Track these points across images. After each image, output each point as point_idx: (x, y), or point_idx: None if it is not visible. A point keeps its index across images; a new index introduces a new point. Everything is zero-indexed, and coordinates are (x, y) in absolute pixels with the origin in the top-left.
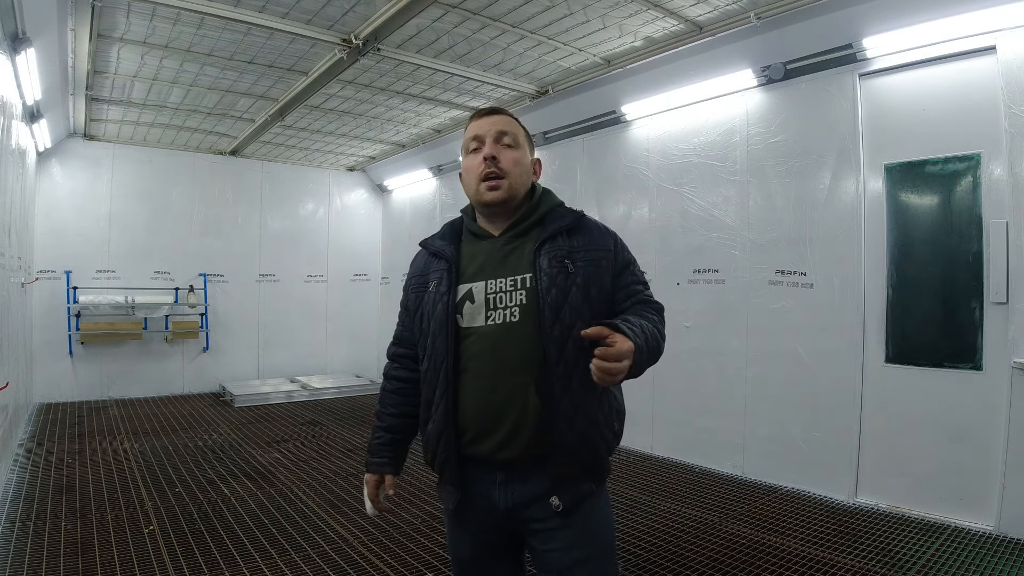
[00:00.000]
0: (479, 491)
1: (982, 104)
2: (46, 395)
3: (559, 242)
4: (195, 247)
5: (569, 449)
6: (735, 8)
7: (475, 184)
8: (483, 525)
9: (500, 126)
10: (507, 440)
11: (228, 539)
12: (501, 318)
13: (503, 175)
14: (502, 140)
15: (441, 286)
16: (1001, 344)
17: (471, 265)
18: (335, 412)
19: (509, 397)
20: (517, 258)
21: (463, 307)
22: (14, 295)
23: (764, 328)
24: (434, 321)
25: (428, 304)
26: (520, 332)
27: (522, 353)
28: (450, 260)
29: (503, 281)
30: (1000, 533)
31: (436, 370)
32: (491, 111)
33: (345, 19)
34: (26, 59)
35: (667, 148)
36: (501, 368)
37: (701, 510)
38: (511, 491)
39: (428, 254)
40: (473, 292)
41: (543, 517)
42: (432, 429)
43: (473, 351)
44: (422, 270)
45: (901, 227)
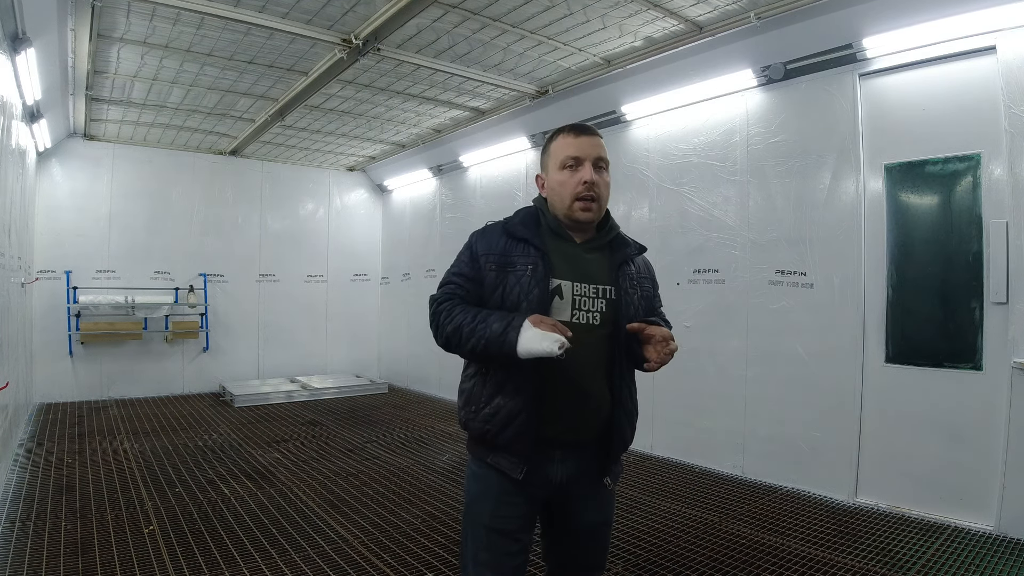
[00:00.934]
0: (538, 467)
1: (982, 104)
2: (46, 395)
3: (629, 267)
4: (195, 247)
5: (624, 436)
6: (735, 8)
7: (569, 200)
8: (535, 497)
9: (599, 151)
10: (580, 425)
11: (228, 539)
12: (585, 319)
13: (596, 198)
14: (599, 165)
15: (538, 272)
16: (1001, 344)
17: (559, 262)
18: (335, 412)
19: (588, 389)
20: (597, 269)
21: (553, 299)
22: (14, 295)
23: (764, 328)
24: (527, 303)
25: (519, 285)
26: (598, 334)
27: (598, 352)
28: (544, 250)
29: (587, 287)
30: (1000, 533)
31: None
32: (590, 131)
33: (345, 19)
34: (26, 59)
35: (667, 148)
36: (582, 362)
37: (701, 510)
38: (567, 467)
39: (508, 237)
40: (562, 289)
41: (586, 488)
42: (510, 404)
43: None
44: (503, 250)
45: (901, 227)
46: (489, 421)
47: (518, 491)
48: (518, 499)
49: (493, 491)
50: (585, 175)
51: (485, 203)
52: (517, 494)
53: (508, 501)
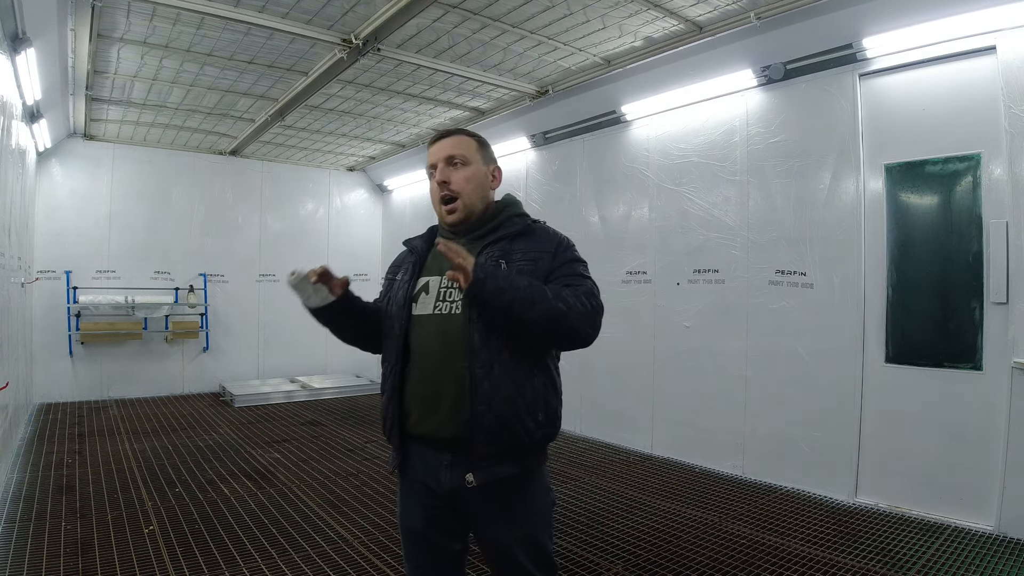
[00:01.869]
0: (427, 470)
1: (982, 104)
2: (46, 395)
3: (501, 244)
4: (195, 247)
5: (488, 430)
6: (735, 8)
7: (437, 207)
8: (433, 502)
9: (448, 150)
10: (447, 419)
11: (228, 539)
12: (447, 308)
13: (456, 195)
14: (452, 163)
15: (405, 276)
16: (1001, 344)
17: (434, 261)
18: (335, 412)
19: (448, 379)
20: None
21: (419, 297)
22: (14, 295)
23: (764, 328)
24: (394, 305)
25: (394, 291)
26: (458, 322)
27: (459, 341)
28: (418, 255)
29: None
30: (1000, 533)
31: (390, 348)
32: (441, 135)
33: (345, 19)
34: (26, 59)
35: (667, 148)
36: (443, 353)
37: (701, 510)
38: (455, 473)
39: (406, 250)
40: (430, 284)
41: (488, 499)
42: (384, 400)
43: (420, 335)
44: (397, 263)
45: (901, 227)
46: (381, 419)
47: (410, 489)
48: (414, 498)
49: (399, 487)
50: (438, 176)
51: None
52: (411, 493)
53: (407, 500)
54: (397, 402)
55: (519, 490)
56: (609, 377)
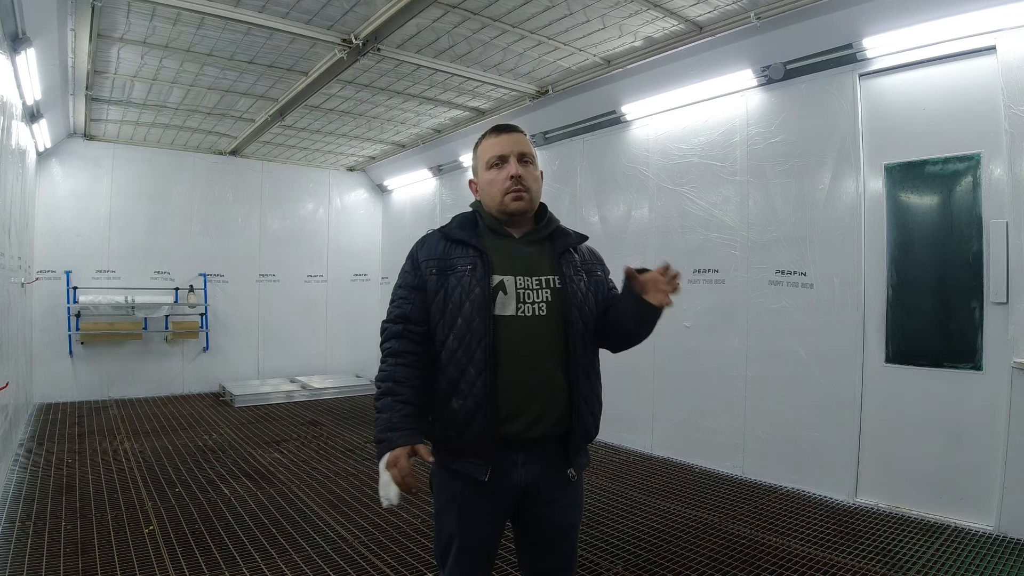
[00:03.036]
0: (502, 470)
1: (982, 104)
2: (46, 395)
3: (572, 255)
4: (195, 247)
5: (586, 427)
6: (735, 8)
7: (499, 196)
8: (501, 502)
9: (522, 147)
10: (537, 419)
11: (228, 539)
12: (531, 311)
13: (527, 190)
14: (523, 160)
15: (476, 272)
16: (1001, 344)
17: (498, 258)
18: (335, 412)
19: (541, 381)
20: (539, 261)
21: (496, 295)
22: (14, 295)
23: (764, 328)
24: (469, 303)
25: (460, 286)
26: (548, 325)
27: (549, 343)
28: (482, 249)
29: (531, 279)
30: (1000, 533)
31: (470, 350)
32: (509, 128)
33: (345, 19)
34: (26, 59)
35: (667, 148)
36: (533, 354)
37: (701, 510)
38: (531, 470)
39: (447, 241)
40: (505, 284)
41: (552, 487)
42: (464, 405)
43: (506, 336)
44: (442, 254)
45: (901, 227)
46: (448, 427)
47: (483, 496)
48: (484, 505)
49: (459, 499)
50: (511, 170)
51: None
52: (483, 500)
53: (474, 508)
54: (492, 406)
55: (581, 478)
56: (609, 377)
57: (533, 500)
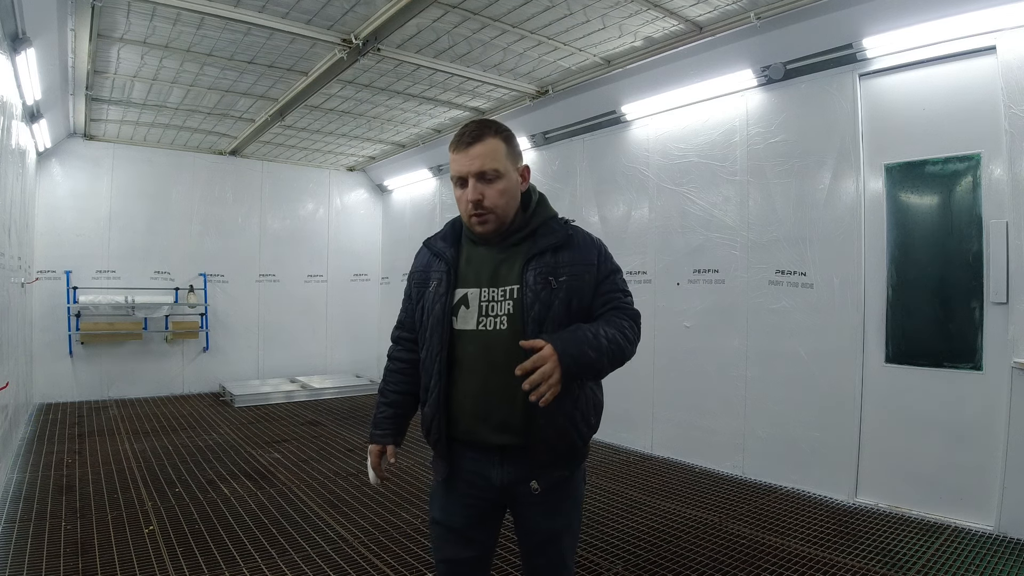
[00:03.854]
0: (475, 469)
1: (982, 104)
2: (46, 395)
3: (546, 258)
4: (195, 247)
5: (548, 442)
6: (735, 8)
7: (465, 217)
8: (475, 498)
9: (480, 164)
10: (497, 429)
11: (228, 539)
12: (492, 325)
13: (490, 211)
14: (484, 178)
15: (440, 287)
16: (1001, 344)
17: (468, 270)
18: (335, 412)
19: (499, 394)
20: (508, 269)
21: (459, 310)
22: (14, 295)
23: (764, 328)
24: (432, 318)
25: (428, 301)
26: (507, 339)
27: (507, 357)
28: (449, 264)
29: (495, 291)
30: (1000, 533)
31: (432, 361)
32: (469, 140)
33: (345, 19)
34: (26, 59)
35: (667, 148)
36: (491, 369)
37: (701, 510)
38: (507, 471)
39: (430, 253)
40: (468, 298)
41: (527, 493)
42: (428, 411)
43: (466, 351)
44: (424, 267)
45: (901, 227)
46: (422, 427)
47: (453, 490)
48: (458, 498)
49: (440, 488)
50: (468, 194)
51: None
52: (454, 493)
53: (452, 498)
54: (444, 415)
55: (568, 485)
56: (609, 377)
57: (516, 502)
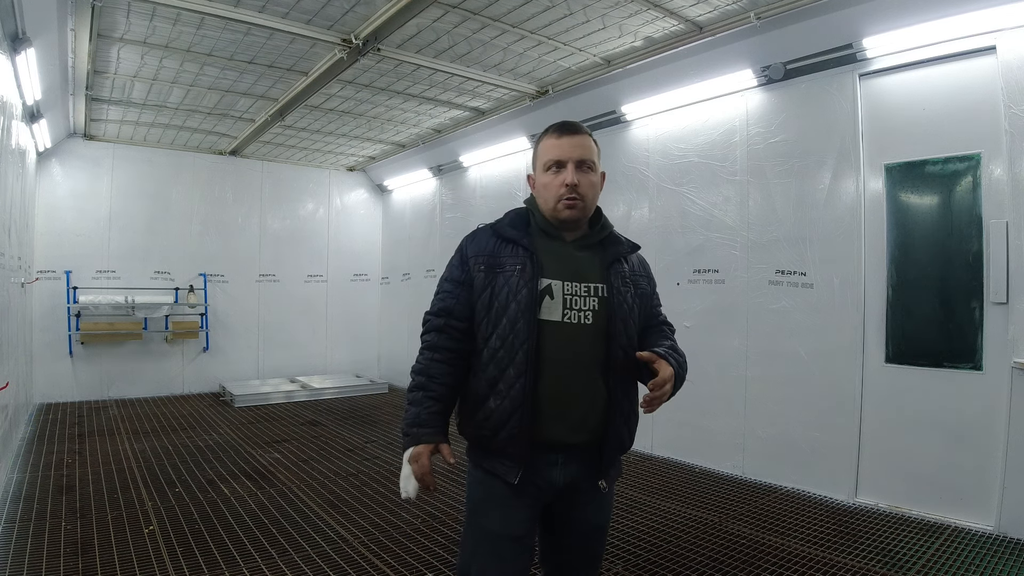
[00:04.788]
0: (536, 470)
1: (982, 104)
2: (46, 395)
3: (623, 265)
4: (195, 247)
5: (621, 440)
6: (735, 8)
7: (553, 202)
8: (538, 500)
9: (582, 152)
10: (576, 426)
11: (228, 539)
12: (576, 318)
13: (581, 199)
14: (582, 167)
15: (526, 273)
16: (1001, 344)
17: (549, 261)
18: (335, 412)
19: (582, 389)
20: (588, 268)
21: (543, 299)
22: (14, 295)
23: (764, 328)
24: (516, 304)
25: (508, 286)
26: (592, 334)
27: (592, 352)
28: (532, 250)
29: (579, 286)
30: (1000, 533)
31: (512, 351)
32: (574, 130)
33: (345, 19)
34: (26, 59)
35: (667, 148)
36: (576, 362)
37: (701, 510)
38: (569, 470)
39: (497, 238)
40: (552, 288)
41: (588, 491)
42: (502, 406)
43: (551, 342)
44: (492, 251)
45: (901, 227)
46: (483, 426)
47: (521, 495)
48: (523, 502)
49: (497, 496)
50: (567, 178)
51: (485, 203)
52: (521, 498)
53: (514, 505)
54: (528, 410)
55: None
56: None
57: (569, 500)
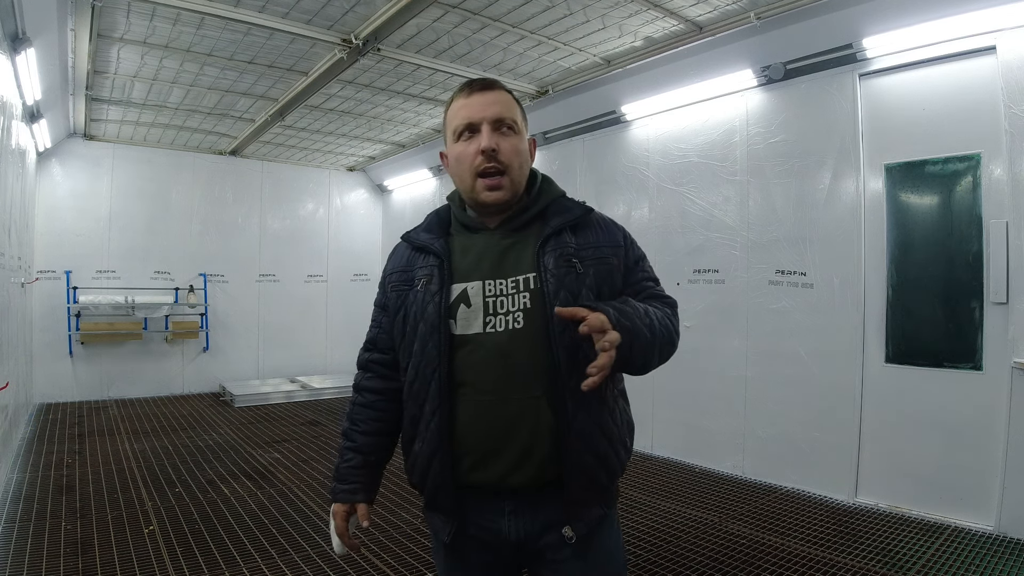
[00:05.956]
0: (481, 523)
1: (982, 104)
2: (46, 395)
3: (564, 239)
4: (195, 247)
5: (587, 471)
6: (735, 8)
7: (470, 180)
8: (487, 559)
9: (498, 110)
10: (517, 463)
11: (228, 539)
12: (503, 324)
13: (504, 170)
14: (501, 128)
15: (432, 284)
16: (1001, 344)
17: (464, 261)
18: (335, 412)
19: (518, 414)
20: (518, 256)
21: (457, 311)
22: (14, 295)
23: (764, 328)
24: (423, 324)
25: (415, 304)
26: (526, 340)
27: (530, 364)
28: (440, 255)
29: (503, 283)
30: (1000, 533)
31: (426, 381)
32: (488, 84)
33: (345, 19)
34: (26, 59)
35: (667, 148)
36: (507, 381)
37: (701, 510)
38: (522, 522)
39: (411, 248)
40: (468, 294)
41: (556, 546)
42: (422, 449)
43: (471, 362)
44: (404, 265)
45: (901, 227)
46: (412, 473)
47: (463, 557)
48: (470, 564)
49: (441, 557)
50: (482, 142)
51: None
52: (464, 559)
53: (458, 568)
54: (448, 450)
55: (607, 527)
56: None
57: (539, 560)
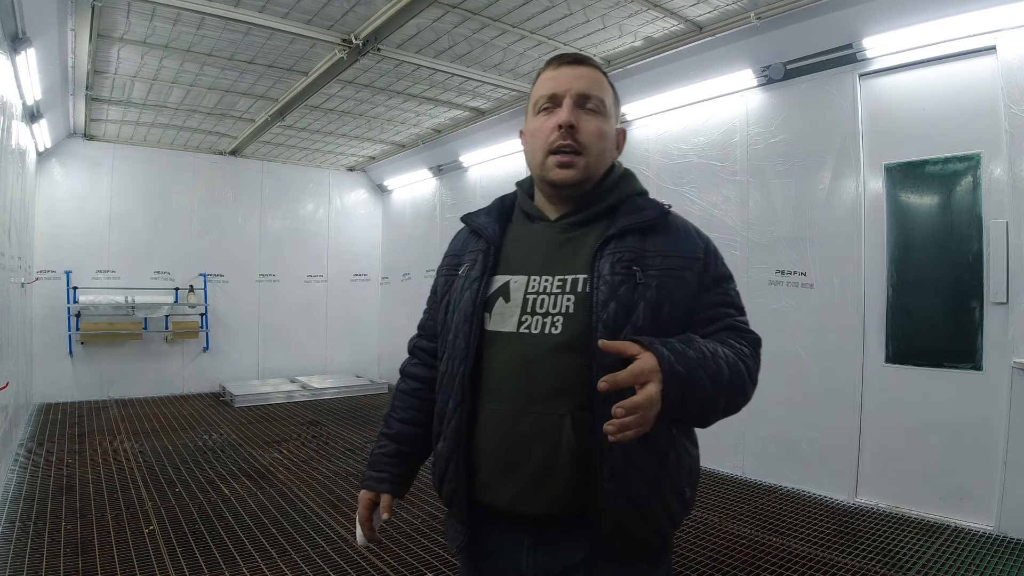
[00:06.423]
0: (502, 552)
1: (982, 104)
2: (46, 395)
3: (629, 241)
4: (195, 247)
5: (617, 517)
6: (735, 8)
7: (541, 156)
8: None
9: (585, 85)
10: (529, 488)
11: (228, 539)
12: (539, 326)
13: (580, 150)
14: (585, 104)
15: (473, 271)
16: (1001, 344)
17: (515, 252)
18: (335, 412)
19: (533, 432)
20: (572, 252)
21: (494, 304)
22: (14, 295)
23: (764, 328)
24: (459, 313)
25: (456, 291)
26: (560, 350)
27: (558, 377)
28: (490, 240)
29: (549, 280)
30: (1000, 533)
31: (452, 376)
32: (576, 59)
33: (345, 19)
34: (26, 59)
35: (667, 148)
36: (527, 392)
37: (701, 510)
38: (539, 559)
39: (469, 231)
40: (511, 287)
41: None
42: (443, 448)
43: (497, 363)
44: (459, 249)
45: (901, 227)
46: (433, 472)
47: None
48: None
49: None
50: (561, 116)
51: (485, 203)
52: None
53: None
54: (464, 454)
55: None
56: None
57: None
